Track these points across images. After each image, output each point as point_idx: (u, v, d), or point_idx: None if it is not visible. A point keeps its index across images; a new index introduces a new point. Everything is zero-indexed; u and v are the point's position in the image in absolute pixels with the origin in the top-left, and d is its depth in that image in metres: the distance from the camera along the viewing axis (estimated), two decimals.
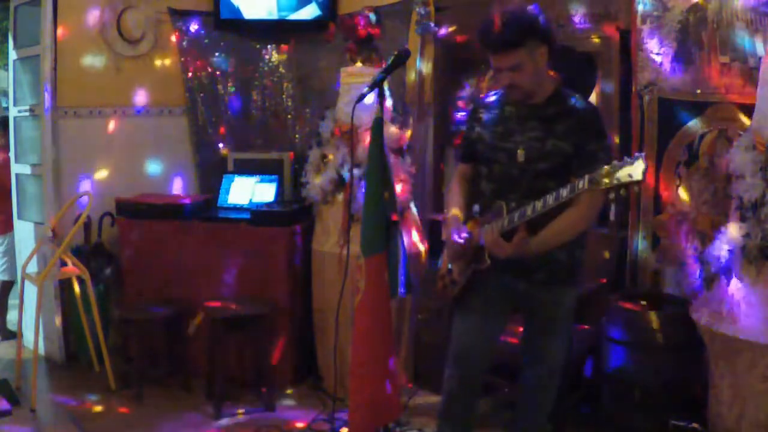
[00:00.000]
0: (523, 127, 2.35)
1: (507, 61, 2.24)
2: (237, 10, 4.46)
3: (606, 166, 1.97)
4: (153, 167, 4.49)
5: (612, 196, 2.01)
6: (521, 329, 2.63)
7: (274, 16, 4.48)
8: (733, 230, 2.58)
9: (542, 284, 2.40)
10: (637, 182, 1.92)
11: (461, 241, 2.42)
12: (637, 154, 1.94)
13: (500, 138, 2.39)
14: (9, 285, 4.80)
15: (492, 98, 2.49)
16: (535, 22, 2.24)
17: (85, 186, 4.19)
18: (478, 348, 2.49)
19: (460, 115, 4.02)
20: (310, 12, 4.45)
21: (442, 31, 3.95)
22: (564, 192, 2.09)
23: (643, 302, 3.02)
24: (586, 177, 2.01)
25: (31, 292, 3.89)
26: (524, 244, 2.20)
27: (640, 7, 3.15)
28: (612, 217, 3.36)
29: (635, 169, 1.92)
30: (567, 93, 2.36)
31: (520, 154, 2.32)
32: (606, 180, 1.96)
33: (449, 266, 2.57)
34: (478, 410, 2.64)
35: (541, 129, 2.31)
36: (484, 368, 2.55)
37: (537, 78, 2.29)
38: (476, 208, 2.51)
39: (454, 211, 2.54)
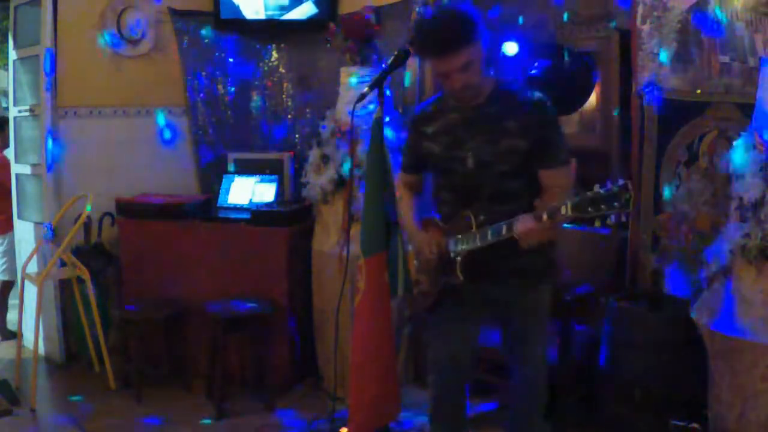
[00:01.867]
0: (472, 132, 2.26)
1: (456, 61, 2.11)
2: (237, 10, 4.46)
3: (589, 193, 1.88)
4: (153, 167, 4.49)
5: (597, 224, 1.93)
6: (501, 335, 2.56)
7: (273, 15, 4.48)
8: (733, 230, 2.57)
9: (517, 288, 2.36)
10: (623, 212, 1.84)
11: (433, 255, 2.36)
12: (621, 181, 1.84)
13: (451, 148, 2.29)
14: (9, 285, 4.80)
15: (431, 108, 2.39)
16: (474, 16, 2.14)
17: (85, 186, 4.18)
18: (456, 357, 2.44)
19: None
20: (307, 11, 4.45)
21: None
22: (544, 216, 2.00)
23: (643, 302, 3.02)
24: (569, 204, 1.91)
25: (31, 292, 3.89)
26: (553, 229, 2.08)
27: (640, 8, 3.15)
28: (612, 217, 3.36)
29: (621, 199, 1.83)
30: (507, 87, 2.29)
31: (470, 161, 2.24)
32: (591, 209, 1.87)
33: (416, 276, 2.52)
34: (466, 409, 2.59)
35: (491, 130, 2.22)
36: (466, 373, 2.51)
37: (482, 77, 2.21)
38: (437, 216, 2.44)
39: (411, 221, 2.49)
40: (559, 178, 2.24)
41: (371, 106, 3.23)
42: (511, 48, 3.57)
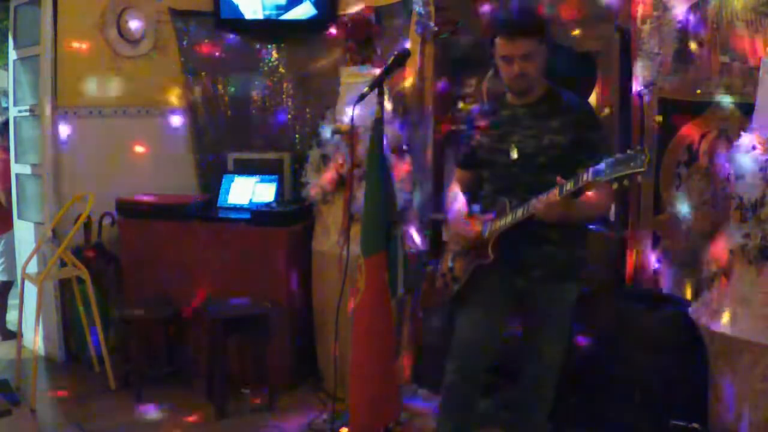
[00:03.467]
0: (519, 126, 2.42)
1: (521, 48, 2.31)
2: (237, 10, 4.46)
3: (609, 158, 2.01)
4: (153, 167, 4.49)
5: (615, 186, 2.03)
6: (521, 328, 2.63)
7: (273, 15, 4.48)
8: (733, 230, 2.57)
9: (540, 281, 2.43)
10: (640, 173, 1.96)
11: (471, 234, 2.46)
12: (639, 146, 1.98)
13: (498, 140, 2.46)
14: (8, 285, 4.80)
15: (487, 106, 2.60)
16: (547, 20, 2.39)
17: (85, 186, 4.18)
18: (481, 342, 2.50)
19: (460, 115, 4.02)
20: (306, 11, 4.44)
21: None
22: (568, 185, 2.11)
23: (643, 302, 3.02)
24: (590, 169, 2.04)
25: (31, 292, 3.89)
26: (570, 206, 2.19)
27: (640, 8, 3.15)
28: (612, 217, 3.36)
29: (637, 160, 1.95)
30: (560, 91, 2.45)
31: (514, 151, 2.39)
32: (608, 171, 1.99)
33: (450, 264, 2.58)
34: (478, 408, 2.63)
35: (536, 126, 2.38)
36: (486, 364, 2.54)
37: (539, 72, 2.38)
38: (476, 208, 2.56)
39: (459, 208, 2.59)
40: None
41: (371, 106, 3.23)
42: None
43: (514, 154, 2.39)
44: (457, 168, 2.75)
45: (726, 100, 2.92)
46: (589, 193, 2.14)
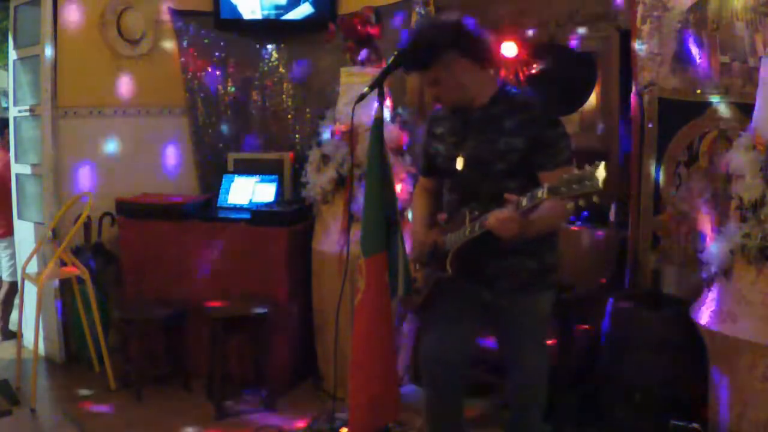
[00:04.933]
0: (473, 132, 2.31)
1: (425, 78, 2.26)
2: (237, 10, 4.46)
3: (565, 175, 1.87)
4: (153, 167, 4.49)
5: (570, 205, 1.91)
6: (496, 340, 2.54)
7: (272, 16, 4.48)
8: (733, 230, 2.57)
9: (507, 292, 2.32)
10: (597, 191, 1.80)
11: (425, 246, 2.41)
12: (597, 161, 1.82)
13: (455, 148, 2.35)
14: (16, 286, 4.80)
15: (441, 111, 2.48)
16: (446, 37, 2.19)
17: (85, 186, 4.19)
18: (447, 354, 2.41)
19: None
20: (305, 11, 4.44)
21: None
22: (524, 201, 2.01)
23: (643, 302, 3.02)
24: (546, 186, 1.93)
25: (31, 292, 3.89)
26: (526, 222, 2.06)
27: (640, 8, 3.15)
28: (612, 217, 3.36)
29: (594, 178, 1.79)
30: (510, 90, 2.32)
31: (467, 161, 2.29)
32: (564, 189, 1.86)
33: (414, 275, 2.54)
34: (462, 410, 2.55)
35: (490, 130, 2.26)
36: (458, 372, 2.45)
37: (463, 88, 2.26)
38: (441, 216, 2.48)
39: (418, 221, 2.54)
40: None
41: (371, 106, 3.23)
42: (510, 48, 3.57)
43: (459, 165, 2.30)
44: (420, 175, 2.65)
45: (726, 100, 2.92)
46: (546, 204, 1.98)
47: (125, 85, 4.35)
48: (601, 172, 1.79)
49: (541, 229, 2.19)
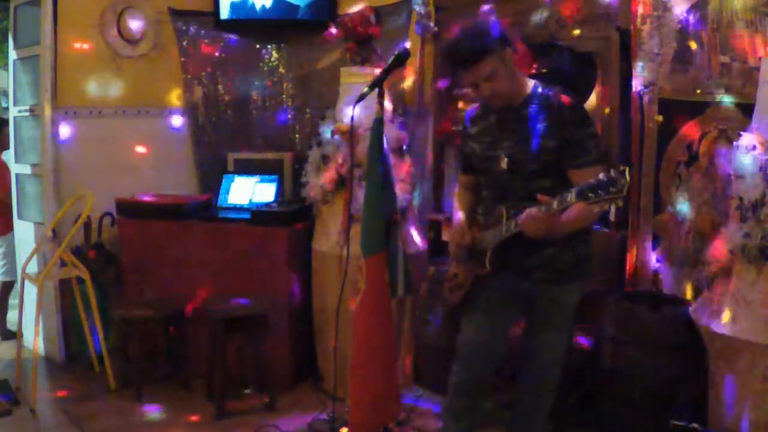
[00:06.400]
0: (507, 133, 2.41)
1: (481, 71, 2.29)
2: (237, 10, 4.46)
3: (592, 180, 1.97)
4: (153, 167, 4.49)
5: (597, 209, 2.01)
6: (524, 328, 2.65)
7: (273, 15, 4.48)
8: (733, 230, 2.58)
9: (543, 282, 2.43)
10: (621, 197, 1.92)
11: (464, 246, 2.50)
12: (622, 167, 1.93)
13: (489, 148, 2.46)
14: (9, 285, 4.80)
15: (477, 111, 2.57)
16: (493, 29, 2.31)
17: (85, 186, 4.18)
18: (485, 344, 2.52)
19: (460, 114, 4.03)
20: (304, 11, 4.44)
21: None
22: (554, 204, 2.10)
23: (643, 302, 3.02)
24: (574, 191, 2.02)
25: (31, 292, 3.89)
26: (556, 223, 2.18)
27: (640, 7, 3.15)
28: (612, 217, 3.36)
29: (619, 184, 1.91)
30: (542, 89, 2.39)
31: (504, 160, 2.39)
32: (591, 195, 1.97)
33: (455, 270, 2.62)
34: (483, 409, 2.65)
35: (525, 130, 2.35)
36: (492, 366, 2.57)
37: (512, 81, 2.35)
38: (478, 213, 2.57)
39: (458, 217, 2.62)
40: (586, 178, 2.20)
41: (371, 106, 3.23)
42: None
43: (504, 165, 2.39)
44: (460, 173, 2.76)
45: (726, 100, 2.92)
46: (575, 206, 2.09)
47: (125, 85, 4.35)
48: (624, 180, 1.90)
49: (569, 230, 2.29)
